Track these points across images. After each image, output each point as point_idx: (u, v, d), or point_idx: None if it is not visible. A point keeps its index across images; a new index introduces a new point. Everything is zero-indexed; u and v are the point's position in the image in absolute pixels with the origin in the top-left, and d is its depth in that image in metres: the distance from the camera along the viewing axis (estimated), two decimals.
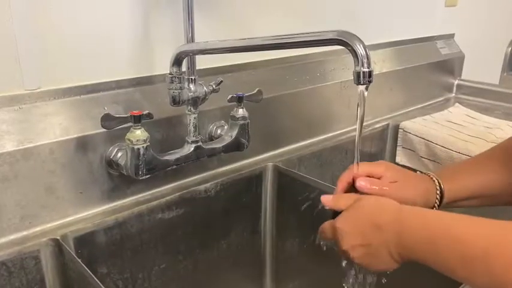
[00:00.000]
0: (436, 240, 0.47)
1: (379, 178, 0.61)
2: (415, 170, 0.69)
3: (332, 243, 0.58)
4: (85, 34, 0.67)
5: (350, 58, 0.49)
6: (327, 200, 0.58)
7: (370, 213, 0.53)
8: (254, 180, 0.87)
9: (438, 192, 0.62)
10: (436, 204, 0.62)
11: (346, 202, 0.56)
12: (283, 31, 0.56)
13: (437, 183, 0.63)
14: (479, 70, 1.54)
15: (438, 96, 1.40)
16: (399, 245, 0.50)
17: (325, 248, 0.61)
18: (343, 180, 0.61)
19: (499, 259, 0.41)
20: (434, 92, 1.39)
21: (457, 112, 1.26)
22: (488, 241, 0.43)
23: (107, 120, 0.63)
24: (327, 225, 0.57)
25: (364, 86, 0.50)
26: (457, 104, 1.33)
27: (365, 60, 0.48)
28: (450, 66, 1.42)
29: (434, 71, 1.36)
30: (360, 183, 0.59)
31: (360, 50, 0.48)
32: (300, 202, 0.86)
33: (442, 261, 0.46)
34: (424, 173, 0.66)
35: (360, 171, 0.60)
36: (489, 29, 1.68)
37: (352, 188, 0.60)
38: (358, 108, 0.52)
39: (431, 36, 1.38)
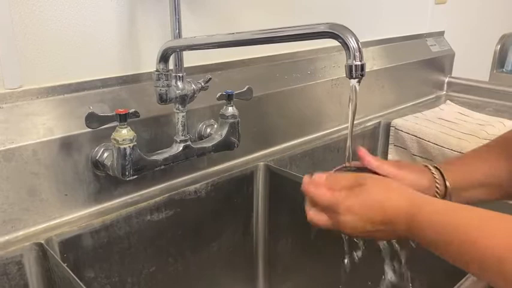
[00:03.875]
0: (449, 240, 0.46)
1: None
2: None
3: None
4: (69, 31, 0.65)
5: (341, 56, 0.48)
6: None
7: (379, 200, 0.51)
8: (245, 180, 0.86)
9: (438, 179, 0.61)
10: (437, 192, 0.61)
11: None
12: (272, 27, 0.55)
13: (435, 171, 0.62)
14: (469, 67, 1.54)
15: (429, 94, 1.40)
16: (409, 234, 0.50)
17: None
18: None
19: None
20: (425, 89, 1.39)
21: (449, 109, 1.26)
22: (504, 246, 0.41)
23: (91, 119, 0.61)
24: (323, 218, 0.55)
25: (357, 80, 0.49)
26: (448, 101, 1.33)
27: (357, 54, 0.47)
28: (440, 63, 1.42)
29: (424, 68, 1.35)
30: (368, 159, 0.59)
31: (352, 43, 0.47)
32: (292, 202, 0.84)
33: (455, 259, 0.46)
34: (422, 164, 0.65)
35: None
36: (478, 26, 1.69)
37: None
38: (350, 103, 0.51)
39: (421, 34, 1.38)
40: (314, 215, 0.56)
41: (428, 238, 0.48)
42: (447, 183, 0.61)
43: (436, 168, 0.62)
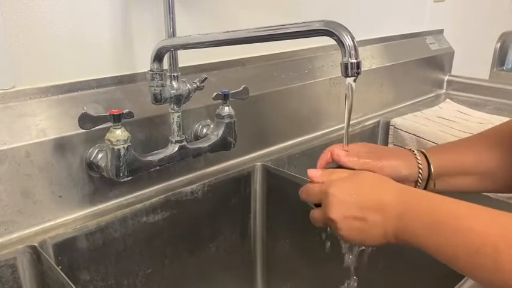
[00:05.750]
0: (443, 227, 0.44)
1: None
2: None
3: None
4: (62, 30, 0.64)
5: (339, 54, 0.47)
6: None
7: (373, 188, 0.50)
8: (242, 180, 0.85)
9: (420, 163, 0.59)
10: (419, 177, 0.59)
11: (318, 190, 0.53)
12: (267, 25, 0.54)
13: (418, 155, 0.60)
14: (469, 65, 1.53)
15: (429, 92, 1.39)
16: (399, 228, 0.47)
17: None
18: (322, 160, 0.58)
19: (509, 256, 0.39)
20: (425, 88, 1.38)
21: (448, 108, 1.25)
22: (499, 235, 0.40)
23: (84, 120, 0.60)
24: (315, 188, 0.53)
25: (352, 78, 0.48)
26: (447, 99, 1.32)
27: (352, 51, 0.46)
28: (440, 62, 1.41)
29: (424, 67, 1.35)
30: (337, 152, 0.56)
31: (347, 40, 0.46)
32: (290, 202, 0.83)
33: (445, 249, 0.44)
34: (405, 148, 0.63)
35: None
36: (478, 24, 1.68)
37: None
38: (346, 101, 0.50)
39: (420, 32, 1.37)
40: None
41: (418, 224, 0.46)
42: (431, 169, 0.59)
43: (422, 153, 0.61)
